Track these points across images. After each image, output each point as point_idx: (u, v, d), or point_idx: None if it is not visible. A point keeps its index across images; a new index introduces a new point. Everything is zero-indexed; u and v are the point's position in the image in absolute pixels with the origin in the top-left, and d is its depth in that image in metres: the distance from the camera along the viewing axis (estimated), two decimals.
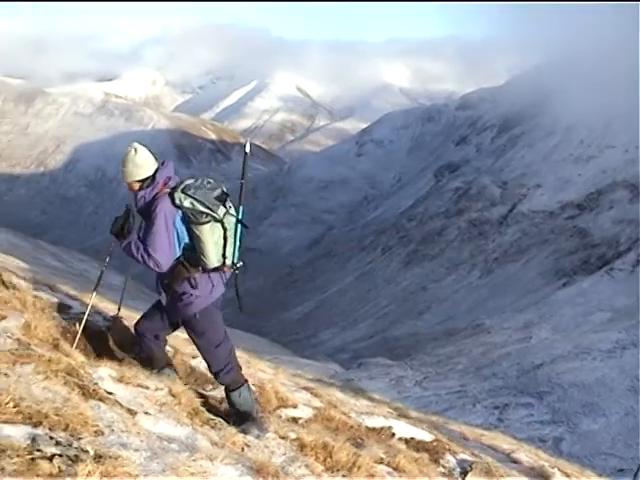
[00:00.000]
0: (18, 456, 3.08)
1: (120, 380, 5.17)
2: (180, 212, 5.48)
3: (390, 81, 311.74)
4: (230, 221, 5.57)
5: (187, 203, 5.43)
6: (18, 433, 3.27)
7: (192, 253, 5.57)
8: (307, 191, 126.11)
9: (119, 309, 7.28)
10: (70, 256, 56.69)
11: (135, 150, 5.63)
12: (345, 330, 69.57)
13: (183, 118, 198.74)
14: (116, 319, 7.12)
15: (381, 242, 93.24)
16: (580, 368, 31.35)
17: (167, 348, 6.67)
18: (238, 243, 5.65)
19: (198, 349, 5.97)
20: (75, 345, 6.08)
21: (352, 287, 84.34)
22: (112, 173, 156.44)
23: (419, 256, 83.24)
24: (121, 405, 4.52)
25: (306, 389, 8.48)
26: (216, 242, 5.52)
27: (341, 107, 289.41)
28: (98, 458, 3.39)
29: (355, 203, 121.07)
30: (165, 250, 5.42)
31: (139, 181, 5.63)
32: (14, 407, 3.45)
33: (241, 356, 10.01)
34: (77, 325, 6.40)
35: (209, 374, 6.17)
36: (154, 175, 5.62)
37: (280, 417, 6.56)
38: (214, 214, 5.44)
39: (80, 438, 3.45)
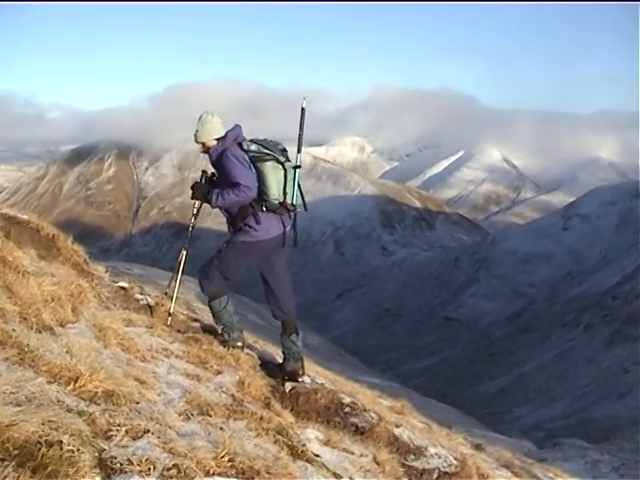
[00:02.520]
0: None
1: (326, 443, 5.34)
2: (246, 156, 6.62)
3: (599, 154, 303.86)
4: (289, 166, 6.77)
5: (254, 147, 6.65)
6: None
7: (257, 191, 6.61)
8: (510, 263, 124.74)
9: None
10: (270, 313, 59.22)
11: (211, 115, 6.82)
12: (541, 407, 68.35)
13: (389, 185, 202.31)
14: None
15: (583, 319, 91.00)
16: None
17: (371, 415, 6.86)
18: (297, 186, 6.85)
19: (211, 260, 6.99)
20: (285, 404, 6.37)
21: (551, 364, 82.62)
22: (317, 235, 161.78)
23: (622, 336, 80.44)
24: (327, 468, 4.60)
25: (506, 467, 8.75)
26: (279, 180, 6.68)
27: (548, 180, 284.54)
28: None
29: (558, 278, 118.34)
30: (249, 176, 6.52)
31: (215, 139, 6.78)
32: (229, 461, 3.59)
33: (442, 429, 10.36)
34: (285, 385, 6.79)
35: (412, 444, 6.63)
36: (226, 134, 6.78)
37: None
38: (276, 155, 6.66)
39: None
